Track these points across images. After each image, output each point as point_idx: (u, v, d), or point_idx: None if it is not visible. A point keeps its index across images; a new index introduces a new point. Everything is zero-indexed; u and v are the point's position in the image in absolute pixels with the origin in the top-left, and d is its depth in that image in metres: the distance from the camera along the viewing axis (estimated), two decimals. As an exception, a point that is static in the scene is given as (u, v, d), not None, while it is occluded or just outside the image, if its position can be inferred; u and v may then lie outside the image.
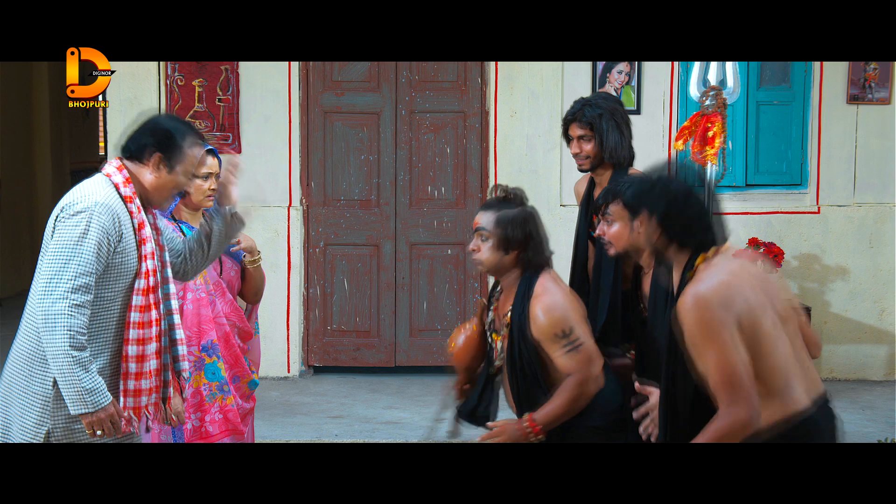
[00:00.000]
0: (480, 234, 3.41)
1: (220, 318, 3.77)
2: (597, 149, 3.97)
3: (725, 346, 2.59)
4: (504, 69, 6.81)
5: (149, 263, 3.05)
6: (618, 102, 4.12)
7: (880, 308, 6.94)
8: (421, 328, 7.01)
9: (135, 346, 3.02)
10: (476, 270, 6.90)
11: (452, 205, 6.97)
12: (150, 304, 3.04)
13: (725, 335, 2.60)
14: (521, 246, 3.38)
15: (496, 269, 3.44)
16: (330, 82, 6.93)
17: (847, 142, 6.90)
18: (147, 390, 3.06)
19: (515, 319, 3.36)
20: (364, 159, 6.95)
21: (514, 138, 6.81)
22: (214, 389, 3.73)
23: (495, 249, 3.39)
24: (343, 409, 6.27)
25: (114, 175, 3.06)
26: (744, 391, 2.58)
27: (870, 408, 6.29)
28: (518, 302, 3.37)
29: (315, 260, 6.96)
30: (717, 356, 2.59)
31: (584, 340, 3.30)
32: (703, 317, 2.61)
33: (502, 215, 3.39)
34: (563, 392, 3.28)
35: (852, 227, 6.94)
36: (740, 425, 2.58)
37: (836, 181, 6.92)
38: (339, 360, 7.02)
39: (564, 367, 3.29)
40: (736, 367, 2.59)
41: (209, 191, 3.73)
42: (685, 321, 2.64)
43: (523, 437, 3.27)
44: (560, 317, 3.29)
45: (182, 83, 6.75)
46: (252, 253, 3.84)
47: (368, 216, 6.97)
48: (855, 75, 6.82)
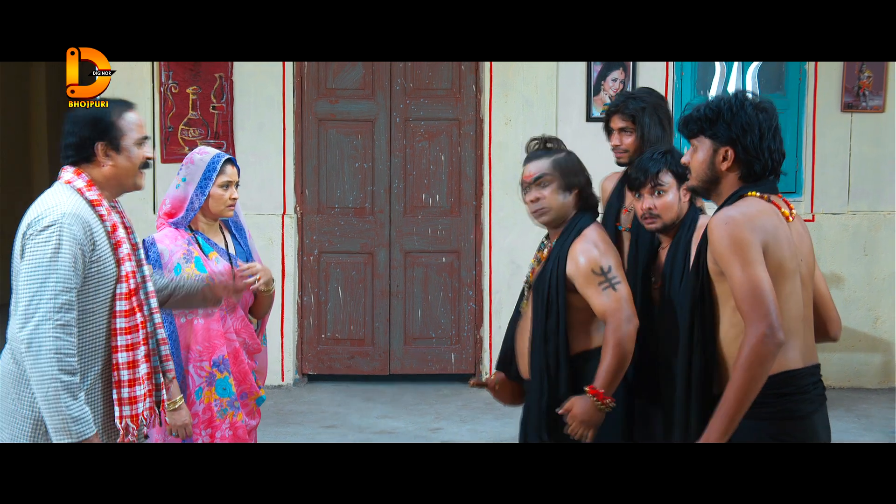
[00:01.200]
0: (540, 182, 3.41)
1: (231, 333, 3.73)
2: (637, 142, 3.92)
3: (751, 261, 2.65)
4: (498, 76, 6.79)
5: (127, 266, 2.95)
6: (661, 98, 4.09)
7: (875, 316, 6.93)
8: (415, 336, 6.98)
9: (125, 352, 2.94)
10: (471, 278, 6.92)
11: (447, 212, 6.95)
12: (133, 308, 2.95)
13: (752, 252, 2.66)
14: (581, 185, 3.43)
15: (562, 214, 3.43)
16: (324, 90, 6.90)
17: (841, 150, 6.89)
18: (142, 396, 2.98)
19: (553, 255, 3.37)
20: (358, 167, 6.92)
21: (508, 146, 6.78)
22: (225, 405, 3.70)
23: (559, 191, 3.40)
24: (337, 418, 6.24)
25: (74, 181, 2.95)
26: (766, 306, 2.61)
27: (865, 416, 6.28)
28: (561, 240, 3.39)
29: (309, 268, 6.93)
30: (741, 271, 2.64)
31: (620, 280, 3.29)
32: (732, 233, 2.67)
33: (556, 158, 3.43)
34: (605, 348, 3.24)
35: (847, 235, 6.93)
36: (761, 343, 2.60)
37: (830, 189, 6.91)
38: (334, 368, 6.98)
39: (601, 306, 3.26)
40: (760, 282, 2.63)
41: (229, 200, 3.70)
42: (713, 237, 2.70)
43: (594, 409, 3.22)
44: (599, 255, 3.30)
45: (176, 91, 6.72)
46: (268, 284, 3.82)
47: (363, 224, 6.95)
48: (849, 83, 6.81)
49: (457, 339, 6.99)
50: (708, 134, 2.83)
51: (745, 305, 2.64)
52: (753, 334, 2.62)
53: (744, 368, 2.62)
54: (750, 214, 2.71)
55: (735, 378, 2.63)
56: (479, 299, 6.94)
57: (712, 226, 2.73)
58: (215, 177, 3.67)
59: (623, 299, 3.26)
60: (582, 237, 3.36)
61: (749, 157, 2.79)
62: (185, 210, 3.69)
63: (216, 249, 3.75)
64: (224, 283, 3.43)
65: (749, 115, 2.80)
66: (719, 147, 2.82)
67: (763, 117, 2.81)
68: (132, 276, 2.97)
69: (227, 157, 3.74)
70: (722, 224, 2.70)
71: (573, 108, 6.81)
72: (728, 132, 2.80)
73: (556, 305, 3.33)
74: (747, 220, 2.69)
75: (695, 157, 2.87)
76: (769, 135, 2.81)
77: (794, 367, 2.72)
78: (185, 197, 3.68)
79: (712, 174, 2.84)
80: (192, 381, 3.65)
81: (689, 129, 2.88)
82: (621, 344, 3.22)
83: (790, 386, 2.71)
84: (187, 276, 3.54)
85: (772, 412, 2.70)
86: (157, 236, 3.69)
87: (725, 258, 2.68)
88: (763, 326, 2.61)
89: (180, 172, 3.73)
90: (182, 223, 3.71)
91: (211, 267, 3.67)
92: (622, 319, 3.24)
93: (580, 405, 3.24)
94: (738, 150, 2.80)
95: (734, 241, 2.67)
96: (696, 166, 2.87)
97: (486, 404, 6.42)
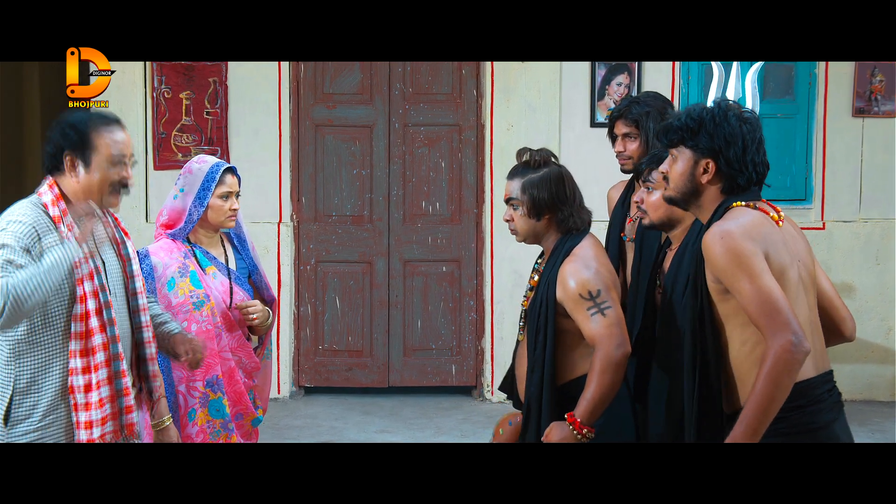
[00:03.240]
0: (511, 204, 3.32)
1: (226, 352, 3.60)
2: (642, 149, 3.84)
3: (758, 272, 2.54)
4: (500, 81, 6.67)
5: (86, 286, 2.83)
6: (667, 103, 3.98)
7: (888, 326, 6.78)
8: (415, 347, 6.85)
9: (80, 375, 2.82)
10: (472, 288, 6.79)
11: (447, 220, 6.82)
12: (91, 330, 2.83)
13: (756, 262, 2.55)
14: (551, 208, 3.26)
15: (532, 237, 3.33)
16: (321, 94, 6.78)
17: (852, 156, 6.75)
18: (99, 421, 2.86)
19: (544, 279, 3.25)
20: (356, 174, 6.79)
21: (510, 152, 6.48)
22: (218, 427, 3.56)
23: (527, 216, 3.29)
24: (334, 433, 6.10)
25: (44, 194, 2.87)
26: (783, 315, 2.51)
27: (879, 430, 6.12)
28: (550, 263, 3.26)
29: (306, 277, 6.80)
30: (750, 283, 2.54)
31: (611, 304, 3.14)
32: (730, 246, 2.57)
33: (527, 180, 3.29)
34: (591, 375, 3.09)
35: (858, 244, 6.78)
36: (788, 353, 2.49)
37: (841, 196, 6.77)
38: (331, 380, 6.86)
39: (590, 332, 3.11)
40: (772, 291, 2.53)
41: (229, 211, 3.58)
42: (712, 254, 2.60)
43: (571, 438, 3.09)
44: (588, 278, 3.15)
45: (169, 95, 6.58)
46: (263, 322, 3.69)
47: (361, 232, 6.82)
48: (861, 87, 6.68)
49: (458, 351, 6.86)
50: (689, 144, 2.74)
51: (763, 318, 2.52)
52: (778, 345, 2.50)
53: (768, 380, 2.50)
54: (745, 225, 2.61)
55: (758, 391, 2.51)
56: (481, 309, 6.81)
57: (709, 243, 2.62)
58: (214, 187, 3.54)
59: (613, 325, 3.11)
60: (572, 257, 3.21)
61: (731, 170, 2.70)
62: (183, 222, 3.55)
63: (214, 263, 3.62)
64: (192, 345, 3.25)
65: (732, 127, 2.70)
66: (700, 158, 2.73)
67: (747, 129, 2.71)
68: (93, 296, 2.84)
69: (228, 167, 3.61)
70: (718, 239, 2.60)
71: (577, 113, 6.68)
72: (710, 143, 2.70)
73: (543, 334, 3.20)
74: (744, 231, 2.59)
75: (674, 167, 2.77)
76: (752, 147, 2.71)
77: (806, 377, 2.61)
78: (184, 208, 3.55)
79: (692, 186, 2.75)
80: (184, 402, 3.52)
81: (669, 138, 2.78)
82: (608, 371, 3.07)
83: (804, 397, 2.60)
84: (181, 291, 3.44)
85: (789, 427, 2.59)
86: (152, 248, 3.55)
87: (729, 274, 2.57)
88: (787, 335, 2.50)
89: (178, 182, 3.59)
90: (180, 235, 3.57)
91: (207, 282, 3.56)
92: (612, 346, 3.08)
93: (556, 432, 3.11)
94: (721, 163, 2.70)
95: (736, 254, 2.56)
96: (675, 177, 2.77)
97: (487, 418, 6.32)
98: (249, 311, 3.61)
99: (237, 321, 3.63)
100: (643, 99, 3.94)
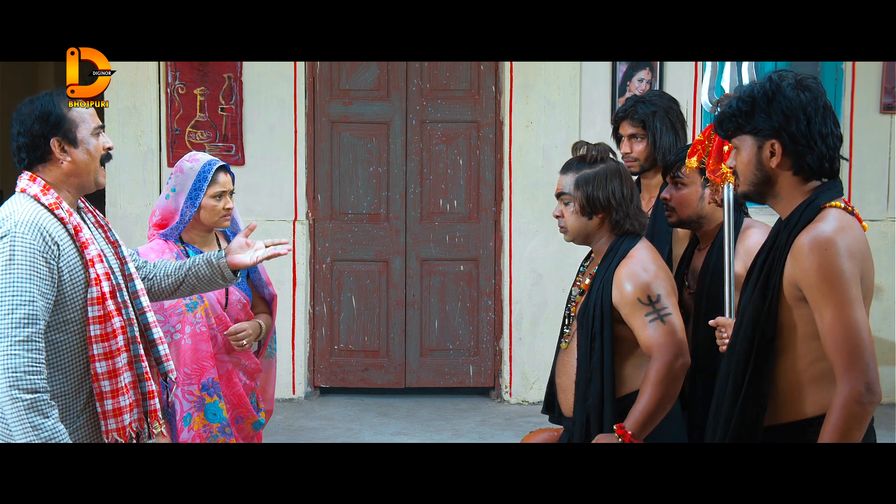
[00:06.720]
0: (562, 199, 3.16)
1: (222, 354, 3.50)
2: (648, 150, 3.74)
3: (850, 301, 2.28)
4: (519, 77, 6.57)
5: (98, 268, 2.75)
6: (673, 101, 3.87)
7: (916, 328, 6.65)
8: (432, 348, 6.75)
9: (103, 361, 2.73)
10: (490, 287, 6.68)
11: (465, 219, 6.72)
12: (110, 313, 2.75)
13: (851, 290, 2.28)
14: (606, 208, 3.09)
15: (582, 237, 3.16)
16: (337, 91, 6.68)
17: (880, 153, 6.62)
18: (127, 407, 2.78)
19: (598, 282, 3.06)
20: (373, 171, 6.69)
21: (529, 149, 6.58)
22: (215, 431, 3.47)
23: (579, 214, 3.12)
24: (350, 434, 6.00)
25: (30, 188, 2.78)
26: (864, 358, 2.26)
27: (907, 434, 5.98)
28: (604, 265, 3.08)
29: (322, 276, 6.71)
30: (838, 311, 2.28)
31: (671, 311, 2.96)
32: (828, 263, 2.29)
33: (581, 175, 3.13)
34: (645, 385, 2.92)
35: (886, 243, 6.63)
36: (859, 405, 2.25)
37: (868, 194, 6.64)
38: (347, 380, 6.76)
39: (647, 340, 2.93)
40: (860, 330, 2.27)
41: (223, 210, 3.49)
42: (805, 264, 2.31)
43: None
44: (647, 281, 2.97)
45: (183, 91, 6.50)
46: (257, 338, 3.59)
47: (377, 231, 6.72)
48: (889, 83, 6.56)
49: (475, 351, 6.75)
50: (747, 130, 2.45)
51: (840, 355, 2.28)
52: (848, 393, 2.26)
53: (836, 433, 2.27)
54: (847, 239, 2.32)
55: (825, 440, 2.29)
56: (499, 309, 6.71)
57: (804, 249, 2.33)
58: (206, 187, 3.46)
59: (673, 333, 2.94)
60: (629, 258, 3.04)
61: (799, 147, 2.40)
62: (175, 222, 3.46)
63: None
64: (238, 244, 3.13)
65: (789, 99, 2.40)
66: (763, 142, 2.43)
67: (807, 97, 2.41)
68: (105, 277, 2.77)
69: (220, 165, 3.51)
70: (818, 249, 2.31)
71: (597, 110, 6.56)
72: (769, 122, 2.41)
73: (599, 341, 3.02)
74: (847, 248, 2.31)
75: (739, 158, 2.49)
76: (818, 117, 2.40)
77: None
78: (176, 209, 3.47)
79: (762, 175, 2.45)
80: (180, 407, 3.42)
81: (725, 128, 2.51)
82: (664, 382, 2.90)
83: None
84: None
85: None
86: (142, 249, 3.47)
87: (818, 292, 2.30)
88: (860, 384, 2.26)
89: (170, 181, 3.51)
90: (172, 235, 3.48)
91: None
92: (670, 356, 2.91)
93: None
94: (786, 141, 2.40)
95: (832, 274, 2.29)
96: (743, 169, 2.48)
97: (505, 420, 6.23)
98: (240, 338, 3.50)
99: (234, 321, 3.53)
100: (648, 97, 3.83)
